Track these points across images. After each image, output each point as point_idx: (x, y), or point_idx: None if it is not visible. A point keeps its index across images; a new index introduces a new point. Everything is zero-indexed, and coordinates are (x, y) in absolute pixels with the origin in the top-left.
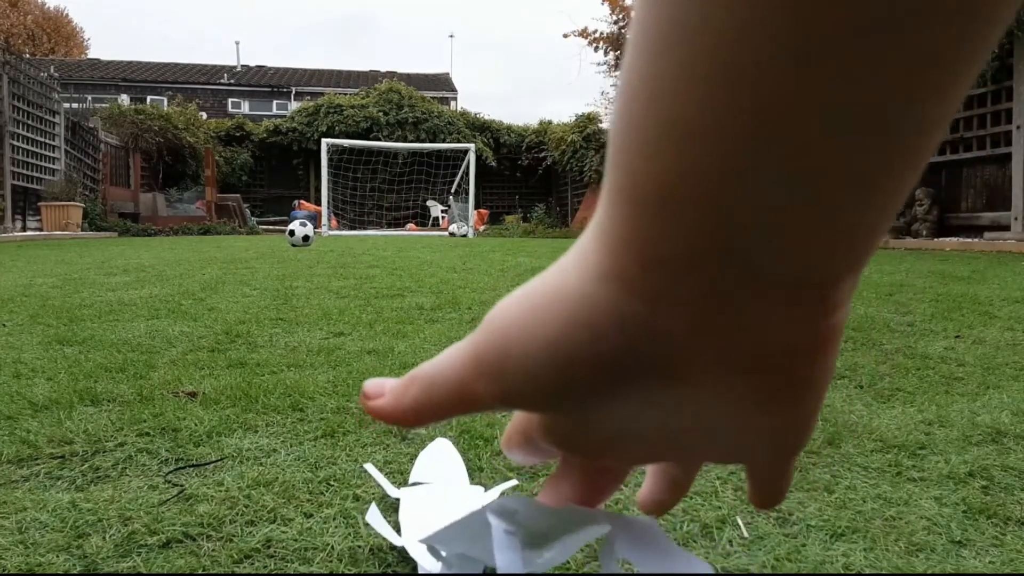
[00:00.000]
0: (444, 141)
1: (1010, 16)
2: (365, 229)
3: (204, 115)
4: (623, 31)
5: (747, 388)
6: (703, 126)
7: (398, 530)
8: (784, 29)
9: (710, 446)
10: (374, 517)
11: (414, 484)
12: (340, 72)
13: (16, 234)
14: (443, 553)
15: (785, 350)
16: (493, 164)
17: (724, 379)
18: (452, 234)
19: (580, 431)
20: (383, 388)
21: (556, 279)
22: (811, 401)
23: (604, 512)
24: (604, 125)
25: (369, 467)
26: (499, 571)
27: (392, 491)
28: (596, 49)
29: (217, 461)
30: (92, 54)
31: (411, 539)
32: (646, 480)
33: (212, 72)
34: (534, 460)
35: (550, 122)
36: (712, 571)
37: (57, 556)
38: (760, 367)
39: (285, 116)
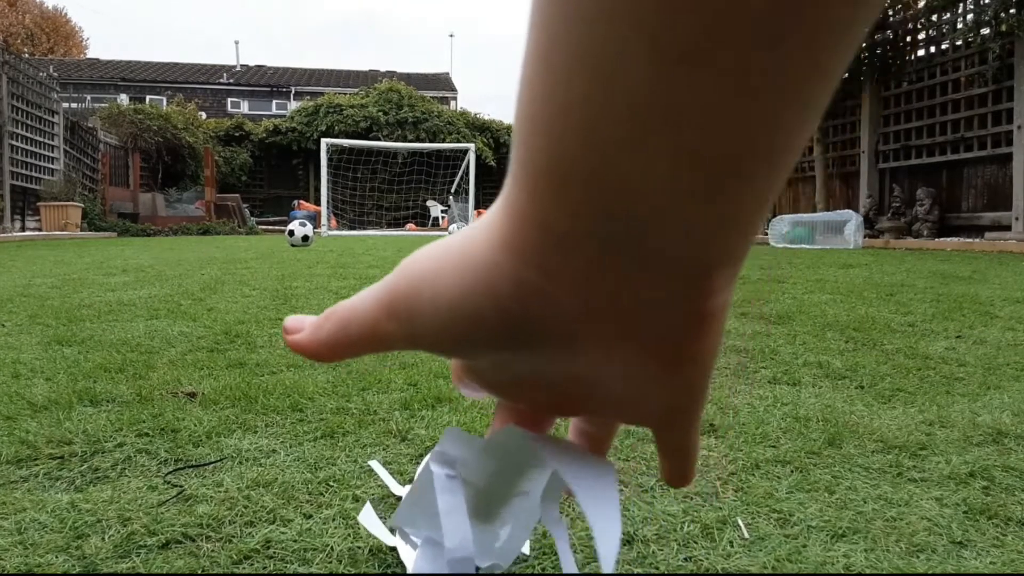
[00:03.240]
0: (444, 141)
1: (862, 34)
2: (365, 229)
3: (203, 115)
4: None
5: (637, 358)
6: (583, 108)
7: (393, 531)
8: (644, 40)
9: (611, 408)
10: (367, 517)
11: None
12: (340, 72)
13: (15, 234)
14: (414, 539)
15: (670, 325)
16: (493, 164)
17: (615, 349)
18: (452, 234)
19: (491, 375)
20: (302, 324)
21: (466, 242)
22: (697, 375)
23: (536, 436)
24: None
25: (374, 464)
26: (441, 514)
27: (396, 488)
28: None
29: (216, 462)
30: (91, 54)
31: (402, 540)
32: (568, 435)
33: (211, 72)
34: (476, 394)
35: None
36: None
37: (56, 557)
38: (647, 340)
39: (285, 116)
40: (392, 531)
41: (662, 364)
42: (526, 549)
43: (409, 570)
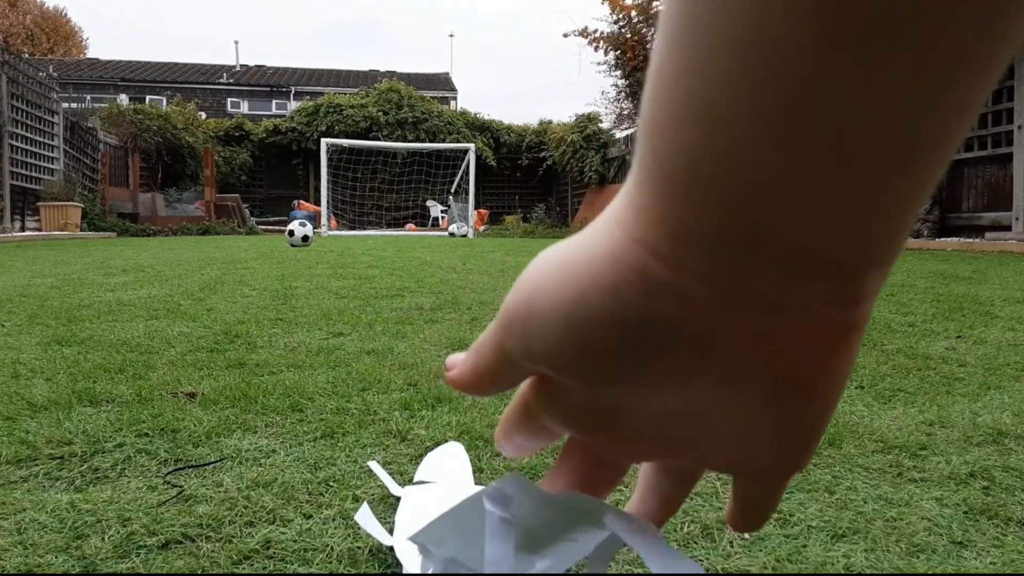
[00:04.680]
0: (444, 141)
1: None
2: (364, 229)
3: (203, 115)
4: (623, 31)
5: (763, 377)
6: (724, 106)
7: (392, 530)
8: (809, 14)
9: (712, 443)
10: (364, 516)
11: (418, 483)
12: (339, 72)
13: (15, 234)
14: (432, 553)
15: (807, 338)
16: (493, 164)
17: (741, 363)
18: (452, 234)
19: (589, 403)
20: (456, 361)
21: (583, 241)
22: (823, 406)
23: (604, 504)
24: (604, 125)
25: (373, 464)
26: (487, 562)
27: (395, 489)
28: (596, 49)
29: (216, 462)
30: (91, 54)
31: (400, 539)
32: (635, 494)
33: (211, 72)
34: (529, 447)
35: (550, 122)
36: (703, 572)
37: (56, 557)
38: (778, 355)
39: (284, 116)
40: (390, 532)
41: (789, 385)
42: None
43: (406, 570)
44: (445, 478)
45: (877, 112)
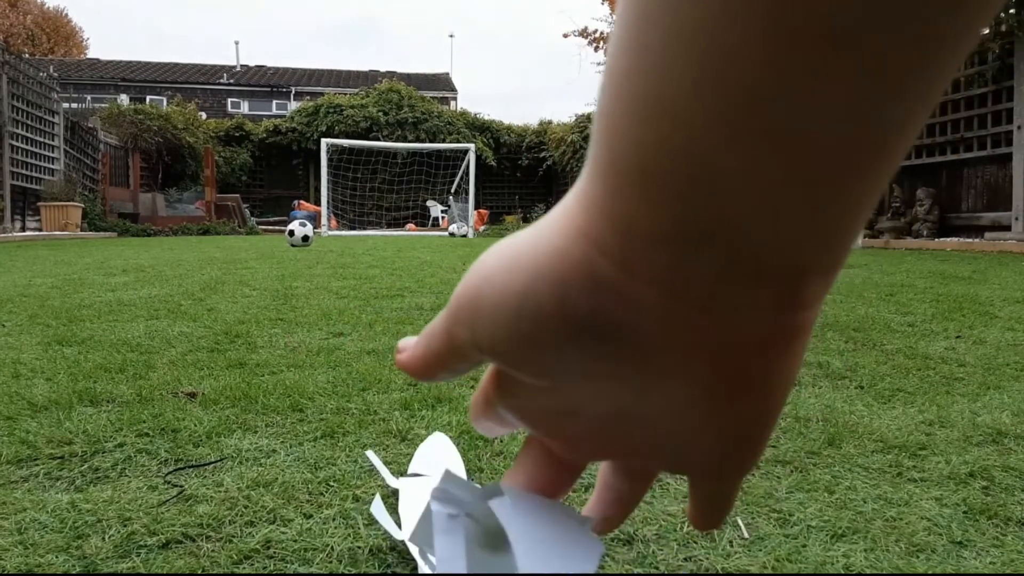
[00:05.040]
0: (444, 141)
1: (984, 22)
2: (365, 229)
3: (203, 115)
4: None
5: (705, 378)
6: (676, 104)
7: (399, 525)
8: (762, 16)
9: (660, 443)
10: (378, 510)
11: (413, 475)
12: (340, 72)
13: (15, 234)
14: (430, 556)
15: (749, 341)
16: (493, 164)
17: (687, 364)
18: (452, 234)
19: (538, 398)
20: (407, 344)
21: (533, 233)
22: (766, 409)
23: (533, 501)
24: None
25: (370, 454)
26: (436, 557)
27: (391, 481)
28: (596, 49)
29: (216, 462)
30: (91, 54)
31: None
32: (593, 495)
33: (211, 72)
34: (497, 430)
35: (550, 122)
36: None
37: (56, 557)
38: (724, 356)
39: (285, 116)
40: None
41: (732, 387)
42: None
43: (420, 566)
44: (438, 471)
45: (833, 114)
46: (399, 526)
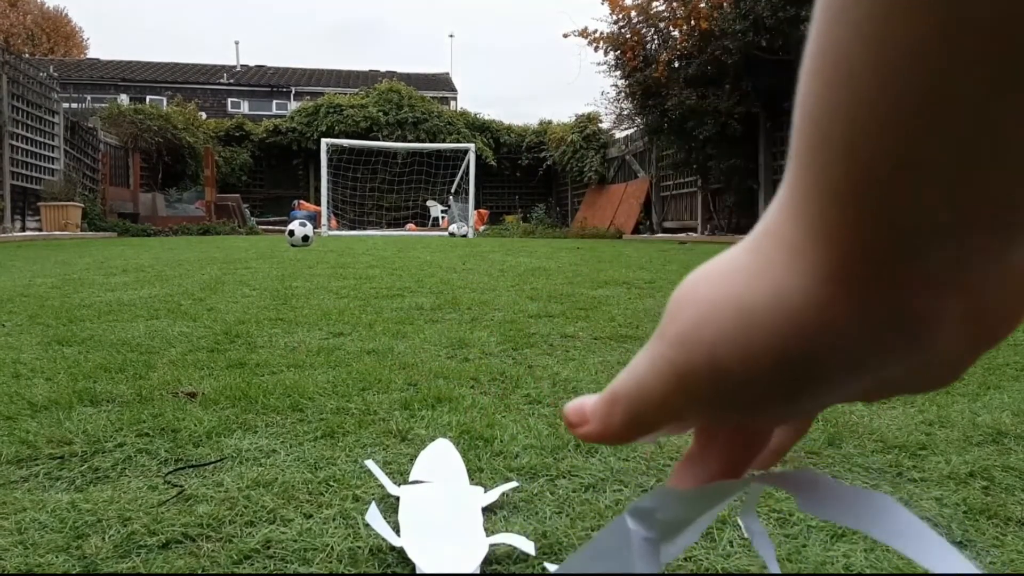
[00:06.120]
0: (444, 141)
1: None
2: (365, 229)
3: (203, 115)
4: (623, 31)
5: (971, 338)
6: (921, 104)
7: (397, 531)
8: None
9: (900, 388)
10: (374, 517)
11: (414, 482)
12: (340, 72)
13: (15, 234)
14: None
15: (995, 287)
16: (493, 164)
17: (955, 335)
18: (452, 234)
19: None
20: (584, 413)
21: (767, 278)
22: (1016, 325)
23: (747, 480)
24: (604, 125)
25: (370, 464)
26: None
27: (392, 488)
28: (596, 49)
29: (216, 462)
30: (91, 54)
31: (409, 539)
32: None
33: (211, 72)
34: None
35: (550, 122)
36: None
37: (56, 557)
38: (979, 313)
39: (285, 116)
40: (397, 532)
41: (990, 333)
42: (531, 549)
43: (419, 569)
44: (440, 478)
45: None
46: (397, 532)
